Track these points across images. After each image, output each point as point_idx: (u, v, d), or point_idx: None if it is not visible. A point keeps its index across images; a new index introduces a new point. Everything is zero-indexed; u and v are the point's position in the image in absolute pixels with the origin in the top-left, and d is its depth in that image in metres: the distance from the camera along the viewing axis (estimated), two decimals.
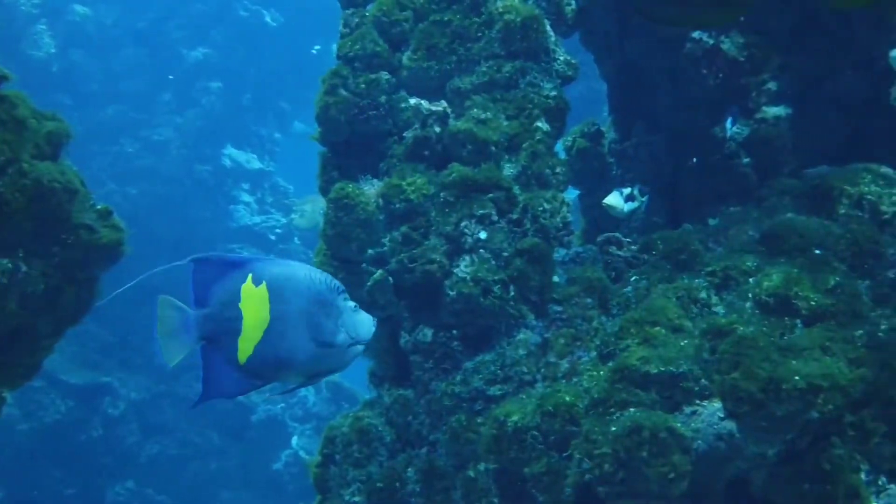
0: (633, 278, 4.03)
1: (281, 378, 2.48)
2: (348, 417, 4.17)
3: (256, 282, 2.37)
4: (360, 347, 2.52)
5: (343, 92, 4.31)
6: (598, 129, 5.51)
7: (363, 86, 4.29)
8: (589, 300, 3.95)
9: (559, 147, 4.85)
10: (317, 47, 15.86)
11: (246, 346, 2.35)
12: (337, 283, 2.49)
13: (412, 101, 4.30)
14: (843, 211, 4.04)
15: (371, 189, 4.19)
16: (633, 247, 4.26)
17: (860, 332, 3.41)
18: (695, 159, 4.86)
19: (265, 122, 14.98)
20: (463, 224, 4.00)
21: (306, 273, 2.45)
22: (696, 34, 4.61)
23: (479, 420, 3.75)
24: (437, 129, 4.20)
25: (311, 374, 2.51)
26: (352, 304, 2.49)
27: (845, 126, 4.55)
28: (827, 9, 4.51)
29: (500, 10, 4.33)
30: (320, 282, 2.44)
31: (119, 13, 13.95)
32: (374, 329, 2.54)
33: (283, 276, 2.41)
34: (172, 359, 2.36)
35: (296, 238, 13.78)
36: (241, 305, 2.35)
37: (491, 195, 4.06)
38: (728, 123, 4.59)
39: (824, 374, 3.19)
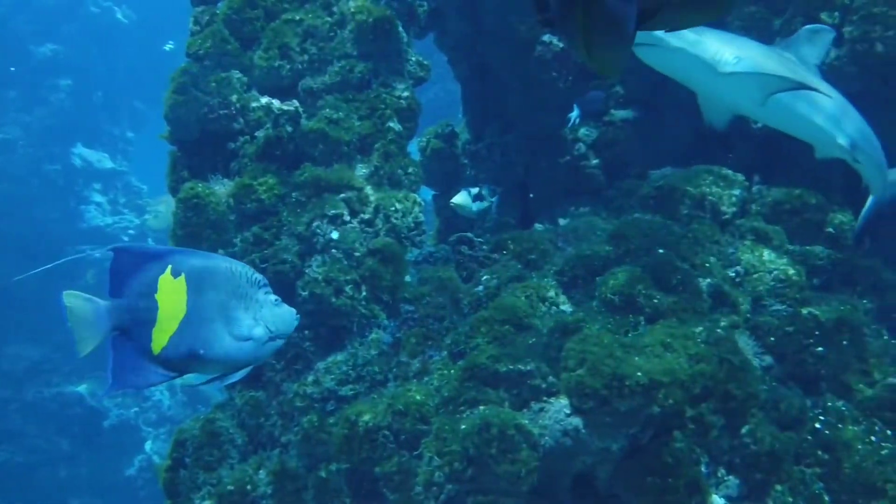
0: (485, 277, 4.07)
1: (196, 370, 2.49)
2: (199, 420, 4.10)
3: (175, 273, 2.37)
4: (279, 341, 2.54)
5: (193, 91, 4.24)
6: (452, 130, 5.55)
7: (213, 84, 4.23)
8: (441, 299, 3.98)
9: (413, 147, 4.87)
10: (170, 44, 15.59)
11: (160, 338, 2.36)
12: (259, 277, 2.50)
13: (263, 100, 4.26)
14: (685, 211, 4.16)
15: (222, 189, 4.14)
16: (484, 247, 4.31)
17: (700, 329, 3.52)
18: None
19: (118, 120, 14.66)
20: (315, 224, 3.99)
21: (227, 266, 2.46)
22: (545, 37, 4.69)
23: (330, 420, 3.73)
24: (290, 129, 4.18)
25: (230, 367, 2.51)
26: (273, 297, 2.51)
27: (688, 129, 4.68)
28: None
29: (353, 10, 4.32)
30: (241, 275, 2.45)
31: None
32: (296, 323, 2.56)
33: (203, 269, 2.42)
34: (84, 348, 2.36)
35: (150, 239, 13.51)
36: (157, 296, 2.36)
37: (343, 195, 4.06)
38: (573, 114, 4.66)
39: (665, 370, 3.28)
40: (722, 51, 3.89)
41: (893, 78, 4.40)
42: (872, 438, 3.60)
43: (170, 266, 2.38)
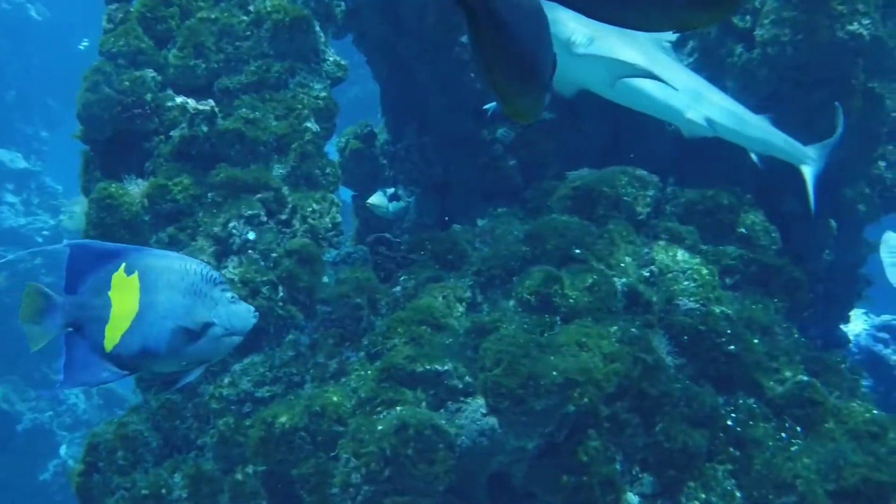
0: (402, 278, 4.07)
1: (149, 367, 2.51)
2: (112, 424, 4.04)
3: (129, 271, 2.38)
4: (236, 338, 2.56)
5: (106, 89, 4.17)
6: (371, 130, 5.56)
7: (127, 83, 4.16)
8: (358, 300, 3.97)
9: (331, 148, 4.86)
10: (85, 43, 15.34)
11: (112, 335, 2.37)
12: (215, 274, 2.51)
13: (179, 99, 4.21)
14: (601, 212, 4.20)
15: (136, 189, 4.08)
16: (402, 247, 4.31)
17: (615, 328, 3.56)
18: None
19: (31, 119, 14.37)
20: (231, 225, 3.95)
21: (182, 264, 2.46)
22: (463, 39, 4.71)
23: (247, 423, 3.71)
24: (205, 129, 4.13)
25: (186, 364, 2.51)
26: (229, 294, 2.52)
27: (605, 130, 4.73)
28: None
29: (269, 9, 4.29)
30: (196, 272, 2.46)
31: None
32: (253, 320, 2.57)
33: (158, 267, 2.42)
34: (35, 344, 2.36)
35: (65, 240, 13.25)
36: (110, 294, 2.37)
37: (260, 196, 4.03)
38: (491, 105, 4.67)
39: (580, 370, 3.31)
40: (577, 31, 3.93)
41: (804, 80, 4.50)
42: (783, 435, 3.67)
43: (124, 264, 2.39)
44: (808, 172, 4.42)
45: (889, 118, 4.69)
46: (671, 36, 4.16)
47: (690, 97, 4.15)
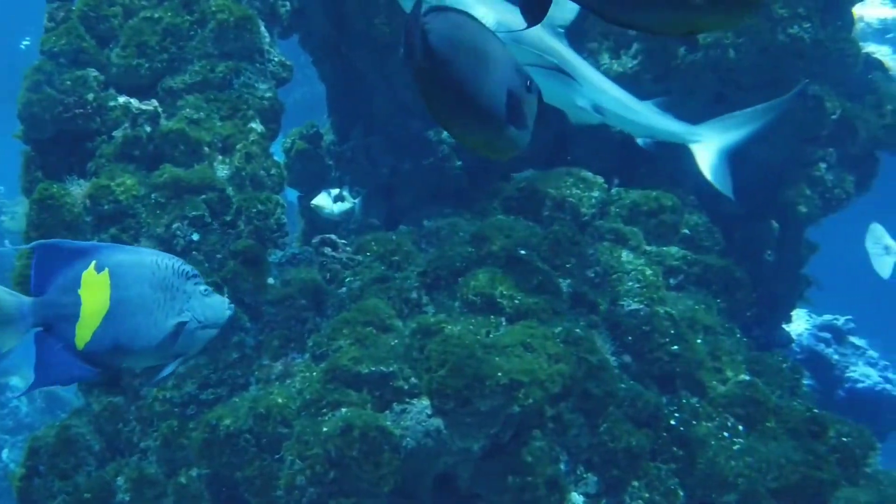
0: (348, 279, 4.06)
1: (123, 363, 2.51)
2: (54, 427, 3.99)
3: (99, 268, 2.39)
4: (211, 331, 2.56)
5: (47, 89, 4.12)
6: (317, 131, 5.54)
7: (69, 83, 4.12)
8: (303, 301, 3.95)
9: (277, 148, 4.83)
10: (26, 41, 15.13)
11: (84, 333, 2.38)
12: (187, 268, 2.51)
13: (121, 99, 4.17)
14: (546, 213, 4.22)
15: (78, 190, 4.03)
16: (348, 248, 4.30)
17: (559, 329, 3.58)
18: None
19: None
20: (175, 226, 3.92)
21: (153, 259, 2.47)
22: None
23: (191, 425, 3.68)
24: (148, 129, 4.10)
25: (162, 358, 2.53)
26: (202, 288, 2.53)
27: (550, 131, 4.75)
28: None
29: (213, 8, 4.26)
30: (167, 267, 2.47)
31: None
32: (228, 312, 2.59)
33: (128, 263, 2.43)
34: (4, 346, 2.37)
35: (6, 241, 13.09)
36: (80, 292, 2.37)
37: (204, 196, 3.99)
38: None
39: (525, 370, 3.32)
40: (486, 16, 3.93)
41: (747, 83, 4.55)
42: (725, 434, 3.71)
43: (94, 261, 2.40)
44: (696, 150, 4.40)
45: (829, 121, 4.75)
46: (565, 21, 4.12)
47: (581, 84, 4.11)
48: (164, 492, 3.69)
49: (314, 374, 3.56)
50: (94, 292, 2.38)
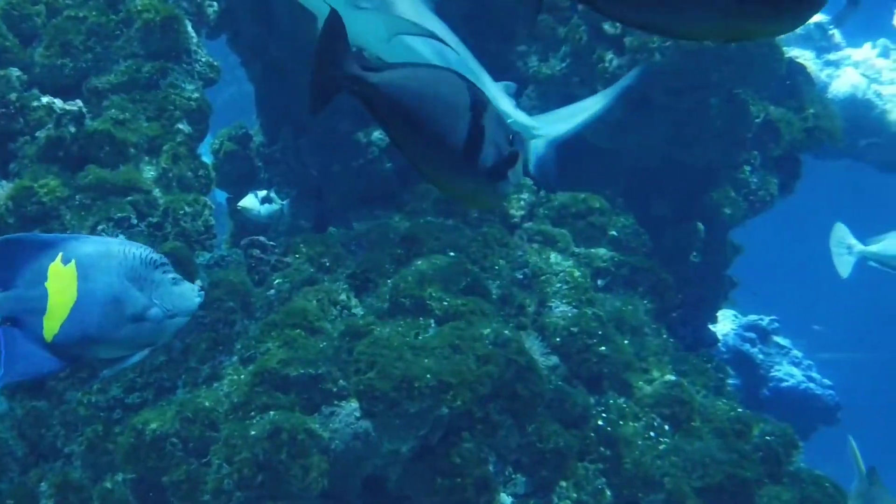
0: (277, 281, 4.04)
1: (93, 354, 2.52)
2: None
3: (66, 260, 2.38)
4: (181, 319, 2.56)
5: None
6: (246, 132, 5.50)
7: None
8: (231, 304, 3.92)
9: (205, 149, 4.79)
10: None
11: (52, 325, 2.36)
12: (156, 256, 2.50)
13: (45, 99, 4.09)
14: (476, 214, 4.24)
15: (0, 191, 3.97)
16: (277, 250, 4.27)
17: (488, 330, 3.59)
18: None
19: None
20: (100, 227, 3.87)
21: (120, 249, 2.46)
22: None
23: (116, 429, 3.64)
24: (73, 130, 4.03)
25: (131, 348, 2.52)
26: (171, 276, 2.52)
27: None
28: (464, 22, 4.72)
29: (139, 8, 4.21)
30: (134, 256, 2.45)
31: None
32: (197, 300, 2.60)
33: (95, 254, 2.42)
34: None
35: None
36: (47, 284, 2.36)
37: (130, 198, 3.94)
38: None
39: (454, 372, 3.33)
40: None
41: (673, 86, 4.60)
42: (651, 434, 3.76)
43: (60, 253, 2.38)
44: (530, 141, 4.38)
45: (753, 124, 4.83)
46: None
47: (460, 65, 4.07)
48: (90, 497, 3.64)
49: (242, 376, 3.54)
50: (61, 284, 2.37)
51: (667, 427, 3.82)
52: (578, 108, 4.43)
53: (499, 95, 4.26)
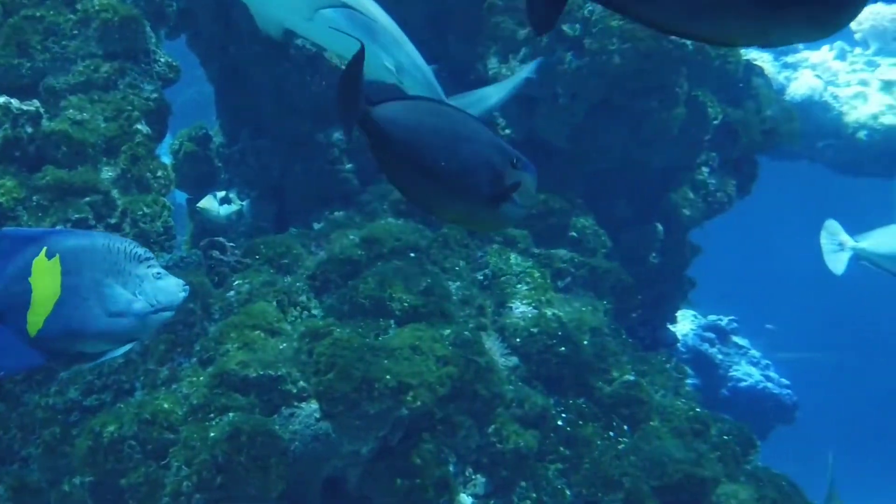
0: (237, 282, 4.02)
1: (77, 349, 2.51)
2: None
3: (50, 255, 2.37)
4: (166, 314, 2.53)
5: None
6: (206, 132, 5.47)
7: None
8: (191, 305, 3.90)
9: (164, 150, 4.76)
10: None
11: (36, 320, 2.36)
12: (140, 251, 2.49)
13: (1, 99, 4.06)
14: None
15: None
16: (236, 251, 4.26)
17: (448, 331, 3.60)
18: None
19: None
20: (58, 228, 3.84)
21: (105, 243, 2.45)
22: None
23: (74, 432, 3.61)
24: (30, 130, 4.00)
25: (115, 343, 2.49)
26: (155, 271, 2.50)
27: None
28: (427, 24, 4.72)
29: (97, 8, 4.18)
30: (119, 251, 2.44)
31: None
32: (182, 294, 2.55)
33: (79, 248, 2.41)
34: None
35: None
36: (31, 279, 2.36)
37: (88, 199, 3.92)
38: None
39: (414, 373, 3.34)
40: None
41: (632, 88, 4.63)
42: (610, 434, 3.79)
43: (45, 248, 2.37)
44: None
45: (711, 126, 4.87)
46: None
47: (388, 41, 4.00)
48: (47, 500, 3.61)
49: (201, 378, 3.53)
50: (45, 279, 2.37)
51: (626, 427, 3.84)
52: (481, 94, 4.40)
53: (434, 79, 4.20)
